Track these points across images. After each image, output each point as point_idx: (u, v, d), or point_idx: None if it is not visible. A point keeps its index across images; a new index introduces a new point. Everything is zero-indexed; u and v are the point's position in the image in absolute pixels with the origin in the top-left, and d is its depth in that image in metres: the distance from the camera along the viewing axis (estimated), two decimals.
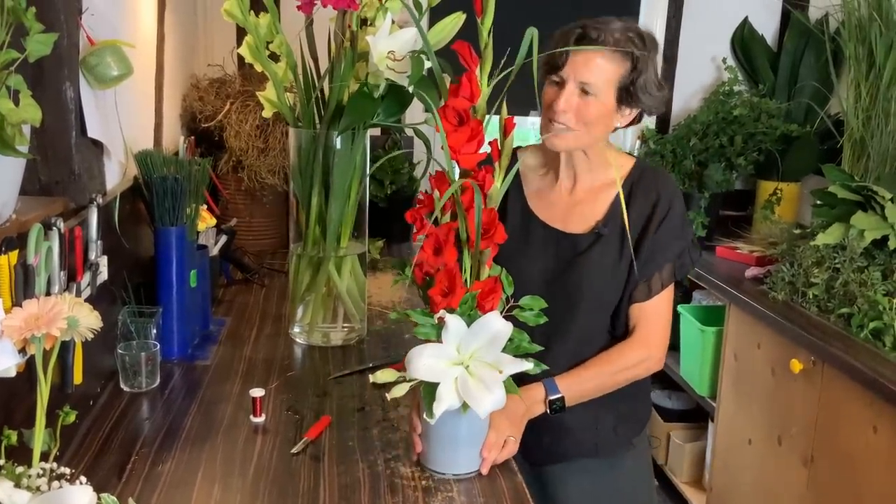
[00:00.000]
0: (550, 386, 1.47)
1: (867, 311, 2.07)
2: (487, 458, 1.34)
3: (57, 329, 1.00)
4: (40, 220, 1.19)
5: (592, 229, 1.54)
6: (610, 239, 1.52)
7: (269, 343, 1.88)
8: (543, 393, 1.46)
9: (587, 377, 1.50)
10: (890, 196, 2.21)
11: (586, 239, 1.53)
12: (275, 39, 1.79)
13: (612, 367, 1.52)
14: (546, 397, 1.46)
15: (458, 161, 1.19)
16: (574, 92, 1.44)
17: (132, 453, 1.35)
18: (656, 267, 1.51)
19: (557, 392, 1.46)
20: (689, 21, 3.17)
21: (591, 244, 1.53)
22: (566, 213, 1.57)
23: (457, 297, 1.18)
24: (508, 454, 1.37)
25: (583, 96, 1.44)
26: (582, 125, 1.45)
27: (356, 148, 1.78)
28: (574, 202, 1.57)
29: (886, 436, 1.83)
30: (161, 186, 1.70)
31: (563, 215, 1.57)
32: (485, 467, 1.34)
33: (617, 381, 1.53)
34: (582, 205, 1.56)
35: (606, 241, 1.52)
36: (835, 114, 2.99)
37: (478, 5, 1.21)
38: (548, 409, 1.46)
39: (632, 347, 1.53)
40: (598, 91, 1.44)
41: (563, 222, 1.56)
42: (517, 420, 1.40)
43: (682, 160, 2.89)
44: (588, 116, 1.45)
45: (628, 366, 1.53)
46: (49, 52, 1.12)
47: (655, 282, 1.52)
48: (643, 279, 1.52)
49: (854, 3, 2.67)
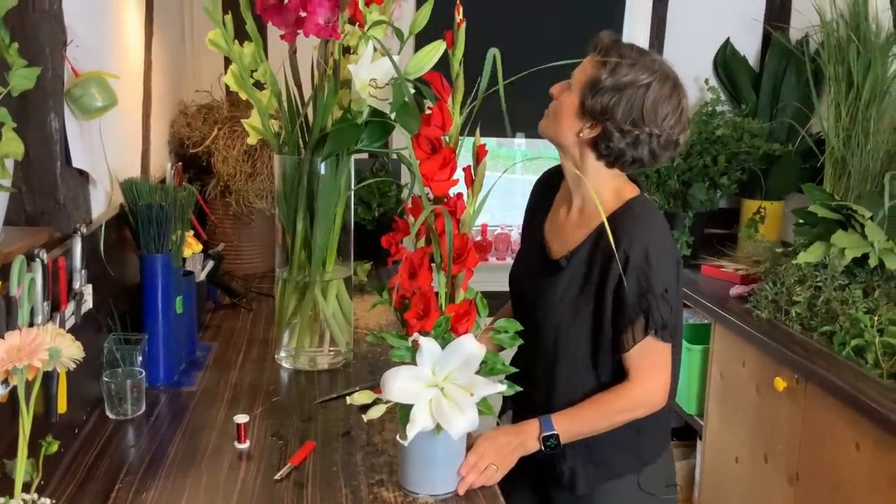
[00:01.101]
0: (545, 422, 1.45)
1: (849, 329, 2.10)
2: (466, 478, 1.35)
3: (39, 360, 1.01)
4: (24, 251, 1.21)
5: (563, 257, 1.54)
6: (572, 273, 1.51)
7: (255, 368, 1.89)
8: (538, 429, 1.44)
9: (583, 418, 1.48)
10: (869, 215, 2.24)
11: (555, 265, 1.55)
12: (259, 68, 1.82)
13: (607, 410, 1.48)
14: (540, 433, 1.44)
15: (430, 188, 1.21)
16: (566, 85, 1.52)
17: (116, 481, 1.36)
18: (628, 321, 1.45)
19: (551, 429, 1.44)
20: (671, 42, 3.21)
21: (558, 271, 1.53)
22: (557, 231, 1.60)
23: (431, 320, 1.20)
24: (487, 481, 1.37)
25: (567, 89, 1.51)
26: (552, 115, 1.53)
27: (340, 173, 1.80)
28: (564, 225, 1.59)
29: (868, 453, 1.85)
30: (146, 214, 1.72)
31: (555, 233, 1.61)
32: (462, 487, 1.35)
33: (614, 422, 1.49)
34: (567, 229, 1.58)
35: (569, 274, 1.51)
36: (816, 133, 3.03)
37: (448, 37, 1.24)
38: (542, 446, 1.45)
39: (626, 391, 1.48)
40: (573, 87, 1.50)
41: (551, 240, 1.60)
42: (505, 451, 1.41)
43: (666, 180, 2.92)
44: (558, 108, 1.52)
45: (623, 409, 1.48)
46: (33, 86, 1.14)
47: (628, 334, 1.46)
48: (620, 330, 1.47)
49: (833, 25, 2.72)
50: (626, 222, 1.47)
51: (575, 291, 1.50)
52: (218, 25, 1.75)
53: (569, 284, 1.51)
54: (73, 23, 1.51)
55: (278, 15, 1.62)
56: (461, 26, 1.28)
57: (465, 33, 1.33)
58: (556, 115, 1.52)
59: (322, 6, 1.58)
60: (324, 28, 1.60)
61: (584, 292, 1.49)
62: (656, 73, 1.46)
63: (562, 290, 1.51)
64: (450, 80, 1.26)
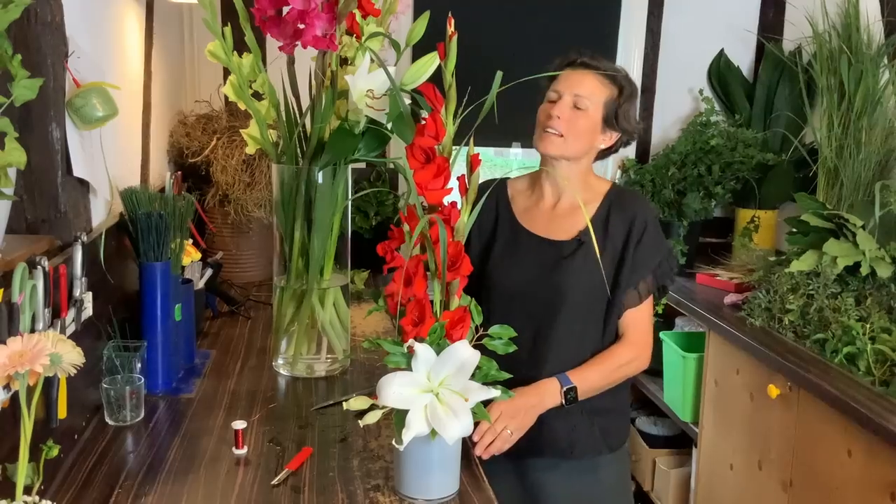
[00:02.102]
0: (563, 378, 1.63)
1: (841, 337, 2.12)
2: (479, 442, 1.45)
3: (40, 366, 1.03)
4: (25, 259, 1.23)
5: (575, 237, 1.70)
6: (589, 248, 1.67)
7: (253, 375, 1.91)
8: (558, 385, 1.61)
9: (592, 372, 1.67)
10: (861, 223, 2.27)
11: (569, 245, 1.70)
12: (258, 79, 1.84)
13: (611, 365, 1.69)
14: (561, 388, 1.60)
15: (424, 197, 1.23)
16: (568, 103, 1.66)
17: (115, 486, 1.37)
18: (640, 276, 1.69)
19: (570, 382, 1.62)
20: (666, 53, 3.24)
21: (574, 250, 1.69)
22: (550, 223, 1.74)
23: (426, 327, 1.22)
24: (503, 443, 1.48)
25: (575, 110, 1.66)
26: (571, 134, 1.65)
27: (338, 182, 1.82)
28: (557, 215, 1.75)
29: (860, 459, 1.87)
30: (145, 223, 1.74)
31: (548, 225, 1.73)
32: (480, 448, 1.44)
33: (615, 377, 1.71)
34: (564, 217, 1.74)
35: (587, 248, 1.67)
36: (809, 143, 3.05)
37: (440, 49, 1.27)
38: (563, 400, 1.60)
39: (625, 347, 1.70)
40: (588, 106, 1.66)
41: (548, 231, 1.73)
42: (523, 412, 1.54)
43: (661, 189, 2.95)
44: (577, 127, 1.65)
45: (622, 363, 1.70)
46: (35, 97, 1.17)
47: (643, 287, 1.69)
48: (632, 286, 1.68)
49: (825, 36, 2.75)
50: (631, 196, 1.76)
51: (593, 264, 1.66)
52: (217, 37, 1.77)
53: (585, 257, 1.67)
54: (74, 34, 1.54)
55: (277, 27, 1.65)
56: (453, 38, 1.31)
57: (460, 44, 1.36)
58: (579, 134, 1.67)
59: (320, 18, 1.60)
60: (321, 40, 1.62)
61: (603, 263, 1.66)
62: (626, 74, 1.73)
63: (580, 264, 1.68)
64: (443, 91, 1.29)
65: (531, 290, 1.68)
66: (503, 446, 1.51)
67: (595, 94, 1.67)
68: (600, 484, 1.75)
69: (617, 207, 1.72)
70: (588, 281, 1.68)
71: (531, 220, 1.76)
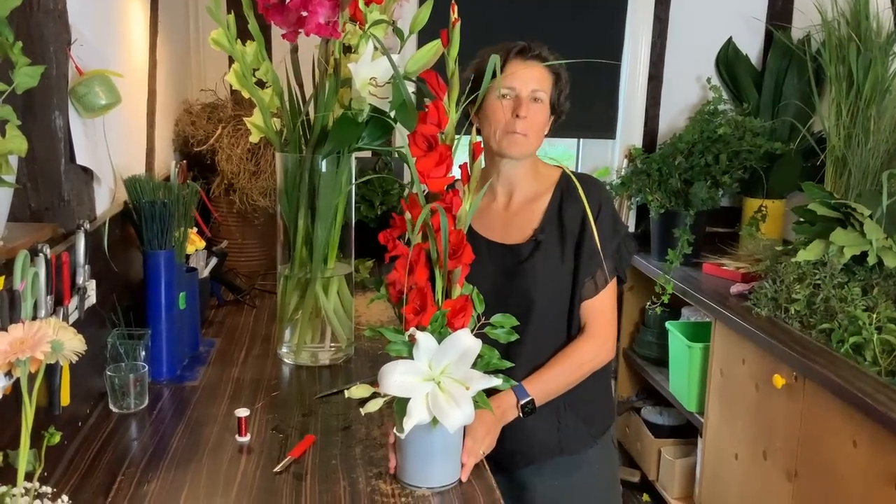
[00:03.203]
0: (519, 391, 1.56)
1: (847, 327, 2.11)
2: (468, 464, 1.40)
3: (41, 353, 1.03)
4: (27, 247, 1.23)
5: (531, 238, 1.65)
6: (548, 244, 1.64)
7: (257, 363, 1.91)
8: (514, 398, 1.55)
9: (551, 376, 1.61)
10: (868, 213, 2.25)
11: (526, 247, 1.65)
12: (261, 67, 1.84)
13: (572, 364, 1.63)
14: (518, 402, 1.55)
15: (427, 185, 1.23)
16: (528, 99, 1.59)
17: (118, 473, 1.38)
18: (597, 264, 1.63)
19: (527, 395, 1.56)
20: (674, 42, 3.22)
21: (532, 251, 1.64)
22: (504, 225, 1.69)
23: (428, 315, 1.22)
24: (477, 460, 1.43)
25: (532, 104, 1.60)
26: (533, 131, 1.60)
27: (341, 171, 1.82)
28: (510, 215, 1.69)
29: (865, 450, 1.86)
30: (149, 211, 1.74)
31: (502, 228, 1.69)
32: (465, 474, 1.39)
33: (578, 375, 1.65)
34: (518, 216, 1.69)
35: (545, 247, 1.64)
36: (817, 132, 3.03)
37: (444, 37, 1.26)
38: (521, 413, 1.56)
39: (586, 342, 1.65)
40: (543, 98, 1.61)
41: (503, 235, 1.68)
42: (487, 430, 1.47)
43: (668, 178, 2.93)
44: (540, 122, 1.62)
45: (585, 360, 1.65)
46: (37, 84, 1.16)
47: (600, 277, 1.64)
48: (588, 276, 1.64)
49: (834, 24, 2.72)
50: (584, 181, 1.63)
51: (555, 260, 1.63)
52: (221, 25, 1.77)
53: (545, 255, 1.64)
54: (77, 22, 1.53)
55: (280, 14, 1.64)
56: (456, 25, 1.30)
57: (464, 36, 1.35)
58: (540, 129, 1.63)
59: (323, 6, 1.60)
60: (324, 27, 1.62)
61: (563, 257, 1.63)
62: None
63: (540, 264, 1.63)
64: (446, 79, 1.28)
65: (497, 299, 1.53)
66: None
67: (547, 84, 1.62)
68: (588, 475, 1.73)
69: (570, 195, 1.66)
70: (552, 280, 1.63)
71: (486, 225, 1.68)
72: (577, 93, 1.73)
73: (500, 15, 3.09)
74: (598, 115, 3.24)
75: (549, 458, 1.70)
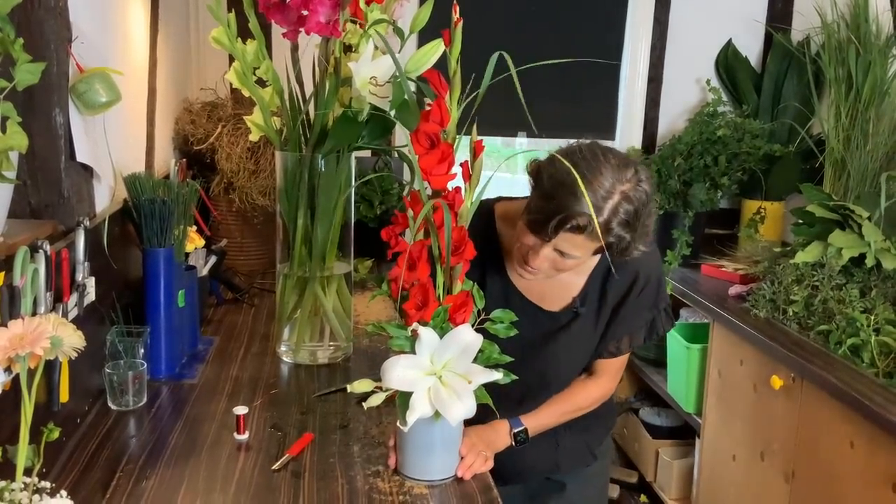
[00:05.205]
0: (514, 421, 1.57)
1: (845, 328, 2.11)
2: (467, 458, 1.39)
3: (41, 348, 1.03)
4: (27, 243, 1.23)
5: (569, 306, 1.58)
6: (586, 314, 1.59)
7: (256, 362, 1.92)
8: (508, 427, 1.56)
9: (549, 413, 1.62)
10: (867, 215, 2.25)
11: (564, 315, 1.59)
12: (261, 65, 1.84)
13: (573, 405, 1.65)
14: (511, 430, 1.56)
15: (429, 182, 1.24)
16: (549, 255, 1.41)
17: (117, 470, 1.38)
18: (627, 331, 1.59)
19: (521, 425, 1.57)
20: (673, 43, 3.23)
21: (570, 321, 1.59)
22: (544, 288, 1.58)
23: (430, 311, 1.24)
24: (484, 467, 1.42)
25: (556, 258, 1.41)
26: (555, 271, 1.46)
27: (341, 170, 1.82)
28: (552, 279, 1.55)
29: (863, 451, 1.86)
30: (149, 209, 1.74)
31: (541, 291, 1.59)
32: (463, 468, 1.39)
33: (575, 415, 1.66)
34: (560, 281, 1.56)
35: (583, 317, 1.59)
36: (816, 134, 3.04)
37: (446, 36, 1.27)
38: (513, 441, 1.56)
39: (593, 389, 1.65)
40: (575, 256, 1.41)
41: (541, 298, 1.59)
42: (489, 443, 1.48)
43: (667, 180, 2.94)
44: (563, 268, 1.45)
45: (586, 405, 1.66)
46: (37, 81, 1.17)
47: (625, 343, 1.61)
48: (613, 339, 1.60)
49: (833, 27, 2.73)
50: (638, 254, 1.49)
51: (589, 328, 1.59)
52: (221, 23, 1.77)
53: (581, 325, 1.59)
54: (78, 20, 1.54)
55: (280, 13, 1.65)
56: (458, 25, 1.31)
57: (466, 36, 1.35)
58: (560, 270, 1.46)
59: (323, 4, 1.60)
60: (325, 26, 1.62)
61: (598, 323, 1.59)
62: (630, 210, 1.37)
63: (575, 333, 1.59)
64: (447, 78, 1.29)
65: (523, 357, 1.46)
66: (485, 469, 1.41)
67: (583, 252, 1.40)
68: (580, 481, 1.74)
69: (620, 263, 1.49)
70: (582, 346, 1.61)
71: (525, 283, 1.57)
72: (576, 94, 1.72)
73: (501, 16, 3.10)
74: (598, 117, 3.24)
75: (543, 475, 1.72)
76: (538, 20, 3.13)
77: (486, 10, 3.05)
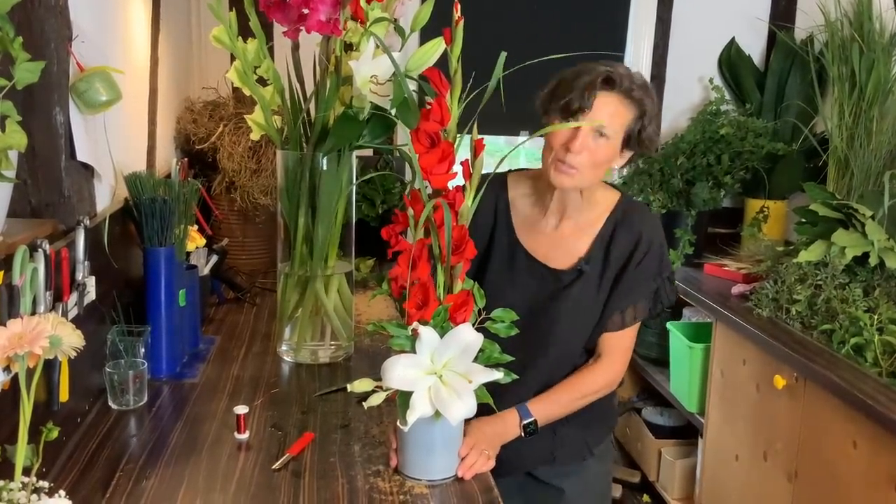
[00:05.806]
0: (523, 411, 1.55)
1: (848, 328, 2.10)
2: (467, 458, 1.39)
3: (39, 347, 1.03)
4: (27, 242, 1.23)
5: (574, 266, 1.61)
6: (590, 275, 1.59)
7: (257, 361, 1.91)
8: (518, 418, 1.54)
9: (557, 401, 1.60)
10: (870, 214, 2.25)
11: (569, 275, 1.61)
12: (262, 64, 1.83)
13: (580, 392, 1.62)
14: (521, 421, 1.54)
15: (429, 181, 1.23)
16: (590, 134, 1.48)
17: (117, 469, 1.38)
18: (631, 301, 1.60)
19: (530, 416, 1.55)
20: (676, 42, 3.22)
21: (573, 280, 1.60)
22: (550, 247, 1.63)
23: (430, 310, 1.24)
24: (485, 466, 1.41)
25: (596, 138, 1.49)
26: (588, 167, 1.50)
27: (342, 169, 1.82)
28: (559, 237, 1.63)
29: (865, 451, 1.86)
30: (149, 208, 1.74)
31: (547, 249, 1.63)
32: (463, 468, 1.38)
33: (583, 403, 1.64)
34: (566, 241, 1.62)
35: (587, 278, 1.60)
36: (820, 132, 3.03)
37: (447, 34, 1.26)
38: (522, 433, 1.54)
39: (599, 374, 1.63)
40: (611, 134, 1.49)
41: (547, 256, 1.62)
42: (491, 438, 1.46)
43: (669, 179, 2.93)
44: (598, 158, 1.51)
45: (593, 391, 1.63)
46: (37, 80, 1.16)
47: (629, 314, 1.60)
48: (618, 310, 1.60)
49: (837, 25, 2.72)
50: (640, 213, 1.62)
51: (593, 290, 1.59)
52: (222, 22, 1.77)
53: (585, 286, 1.60)
54: (78, 19, 1.53)
55: (281, 12, 1.64)
56: (459, 24, 1.30)
57: (467, 34, 1.35)
58: (598, 165, 1.52)
59: (324, 3, 1.59)
60: (326, 25, 1.61)
61: (601, 287, 1.59)
62: (646, 82, 1.54)
63: (578, 294, 1.60)
64: (448, 77, 1.29)
65: (525, 317, 1.48)
66: (483, 468, 1.41)
67: (618, 118, 1.49)
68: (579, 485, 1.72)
69: (623, 225, 1.59)
70: (584, 309, 1.61)
71: (532, 240, 1.63)
72: None
73: (502, 14, 3.09)
74: None
75: (540, 467, 1.70)
76: (540, 19, 3.13)
77: (488, 9, 3.04)
